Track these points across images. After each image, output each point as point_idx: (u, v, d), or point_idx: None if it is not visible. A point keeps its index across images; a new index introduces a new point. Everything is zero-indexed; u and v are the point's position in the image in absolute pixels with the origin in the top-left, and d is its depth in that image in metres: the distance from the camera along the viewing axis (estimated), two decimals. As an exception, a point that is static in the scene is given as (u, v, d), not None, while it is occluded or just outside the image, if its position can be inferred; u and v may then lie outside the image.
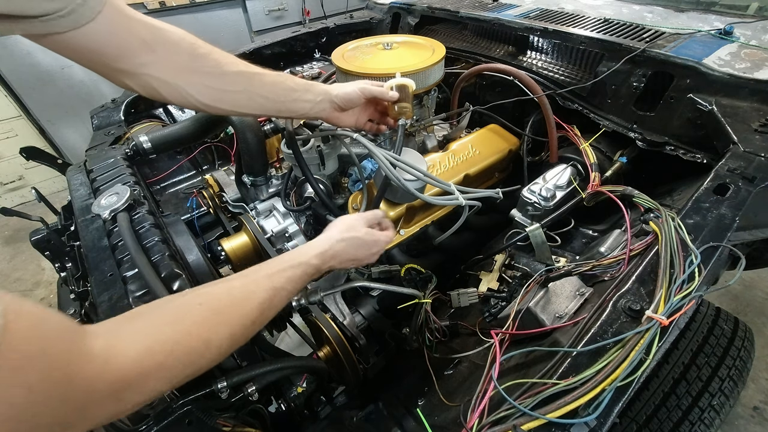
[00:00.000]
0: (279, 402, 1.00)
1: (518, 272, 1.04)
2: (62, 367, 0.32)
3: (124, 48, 0.59)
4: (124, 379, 0.37)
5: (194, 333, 0.45)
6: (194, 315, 0.47)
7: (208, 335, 0.46)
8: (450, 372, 0.94)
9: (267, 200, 1.26)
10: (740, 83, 0.94)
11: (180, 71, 0.65)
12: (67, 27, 0.52)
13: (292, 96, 0.76)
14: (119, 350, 0.38)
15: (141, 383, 0.39)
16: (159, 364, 0.40)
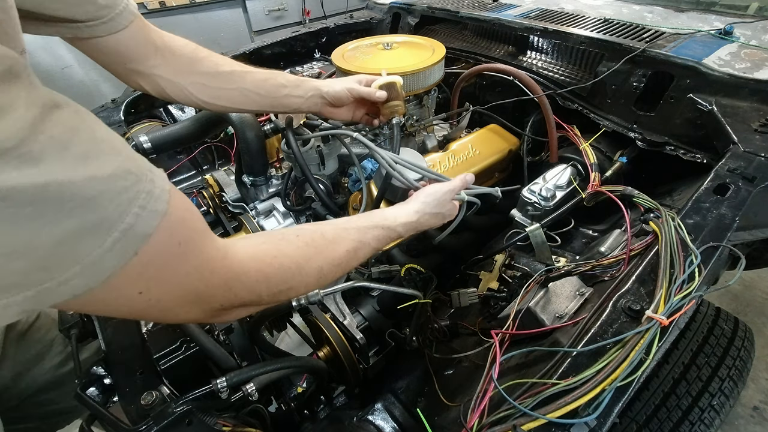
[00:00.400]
0: (279, 402, 1.00)
1: (518, 272, 1.04)
2: (199, 248, 0.40)
3: (141, 53, 0.68)
4: (235, 271, 0.45)
5: (289, 255, 0.52)
6: (291, 242, 0.53)
7: (300, 261, 0.52)
8: (450, 372, 0.94)
9: (267, 200, 1.26)
10: (740, 83, 0.94)
11: (183, 72, 0.73)
12: (106, 32, 0.61)
13: (283, 92, 0.81)
14: (234, 250, 0.45)
15: (246, 279, 0.46)
16: (260, 269, 0.47)
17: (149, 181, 0.33)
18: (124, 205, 0.30)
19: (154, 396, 0.67)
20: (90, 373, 0.74)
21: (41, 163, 0.25)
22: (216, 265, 0.42)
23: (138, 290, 0.35)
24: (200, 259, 0.40)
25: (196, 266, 0.40)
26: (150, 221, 0.32)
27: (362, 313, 1.04)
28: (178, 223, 0.36)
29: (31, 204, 0.25)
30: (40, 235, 0.26)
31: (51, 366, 1.00)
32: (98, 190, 0.28)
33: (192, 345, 0.81)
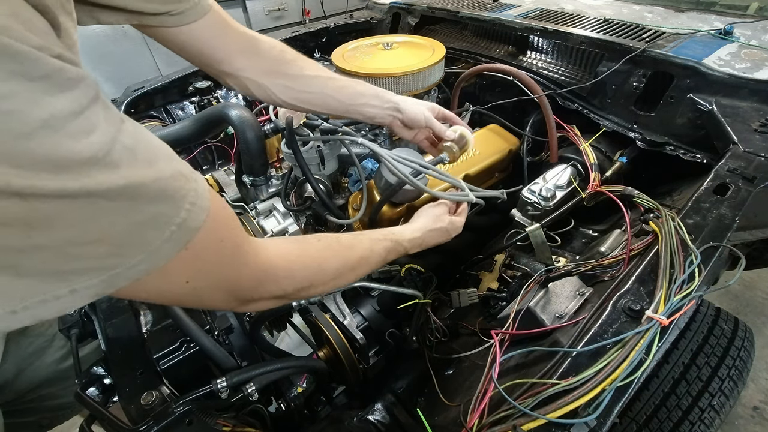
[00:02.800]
0: (279, 402, 1.00)
1: (518, 272, 1.04)
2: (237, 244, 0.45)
3: (225, 54, 0.73)
4: (265, 267, 0.50)
5: (311, 255, 0.58)
6: (313, 244, 0.60)
7: (321, 261, 0.59)
8: (450, 372, 0.94)
9: (267, 200, 1.26)
10: (740, 83, 0.94)
11: (267, 74, 0.78)
12: (174, 24, 0.64)
13: (361, 100, 0.85)
14: (264, 247, 0.51)
15: (274, 275, 0.52)
16: (286, 266, 0.53)
17: (195, 182, 0.38)
18: (179, 202, 0.36)
19: (154, 396, 0.67)
20: (90, 373, 0.74)
21: (119, 168, 0.30)
22: (249, 260, 0.48)
23: (185, 279, 0.41)
24: (237, 254, 0.46)
25: (234, 260, 0.45)
26: (198, 216, 0.37)
27: (362, 313, 1.04)
28: (218, 221, 0.41)
29: (115, 200, 0.30)
30: (118, 226, 0.31)
31: (52, 361, 1.01)
32: (162, 189, 0.34)
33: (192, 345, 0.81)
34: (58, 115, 0.26)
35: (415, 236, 0.79)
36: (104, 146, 0.29)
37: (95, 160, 0.28)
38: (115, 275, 0.33)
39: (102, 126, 0.29)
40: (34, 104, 0.25)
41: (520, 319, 0.79)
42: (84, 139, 0.28)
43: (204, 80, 1.53)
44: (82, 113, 0.28)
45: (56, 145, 0.26)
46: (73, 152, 0.27)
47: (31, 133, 0.25)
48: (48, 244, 0.28)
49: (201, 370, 0.83)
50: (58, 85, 0.26)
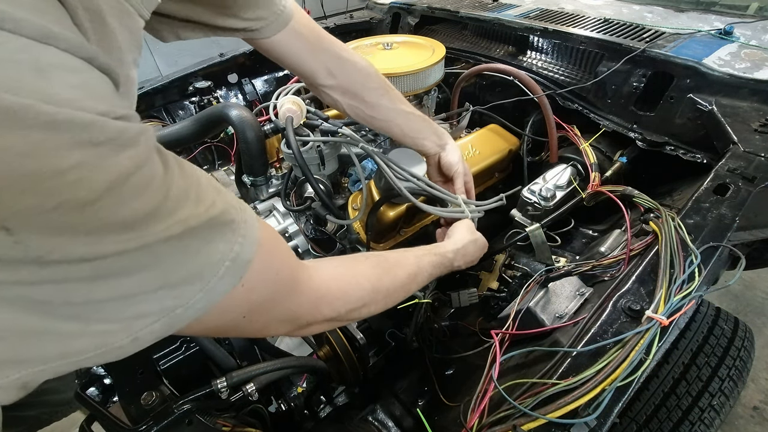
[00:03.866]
0: (279, 402, 1.00)
1: (518, 272, 1.04)
2: (291, 273, 0.46)
3: (311, 69, 0.79)
4: (321, 292, 0.51)
5: (364, 275, 0.58)
6: (363, 264, 0.60)
7: (373, 281, 0.59)
8: (450, 372, 0.94)
9: (267, 200, 1.26)
10: (740, 83, 0.94)
11: (344, 94, 0.84)
12: (257, 37, 0.69)
13: (421, 134, 0.92)
14: (317, 272, 0.51)
15: (330, 298, 0.52)
16: (341, 288, 0.54)
17: (243, 212, 0.38)
18: (231, 236, 0.36)
19: (154, 396, 0.67)
20: (90, 373, 0.74)
21: (176, 213, 0.31)
22: (305, 287, 0.48)
23: (242, 314, 0.41)
24: (293, 283, 0.46)
25: (290, 290, 0.46)
26: (250, 249, 0.38)
27: (362, 313, 1.04)
28: (271, 252, 0.42)
29: (172, 245, 0.31)
30: (176, 268, 0.32)
31: None
32: (214, 226, 0.34)
33: (192, 345, 0.81)
34: (122, 176, 0.27)
35: (458, 247, 0.80)
36: (162, 196, 0.30)
37: (154, 211, 0.29)
38: (174, 317, 0.33)
39: (159, 174, 0.30)
40: (99, 170, 0.25)
41: (520, 319, 0.79)
42: (145, 194, 0.29)
43: (204, 80, 1.53)
44: (142, 167, 0.28)
45: (120, 206, 0.27)
46: (135, 210, 0.28)
47: (97, 199, 0.25)
48: (110, 296, 0.29)
49: (201, 370, 0.83)
50: (121, 146, 0.27)
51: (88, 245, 0.26)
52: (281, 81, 1.79)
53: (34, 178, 0.23)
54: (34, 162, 0.23)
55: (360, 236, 1.07)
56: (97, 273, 0.27)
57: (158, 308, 0.32)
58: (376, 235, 1.06)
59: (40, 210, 0.23)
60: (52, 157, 0.23)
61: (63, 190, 0.24)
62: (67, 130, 0.23)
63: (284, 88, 1.18)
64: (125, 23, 0.34)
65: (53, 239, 0.25)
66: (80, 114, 0.24)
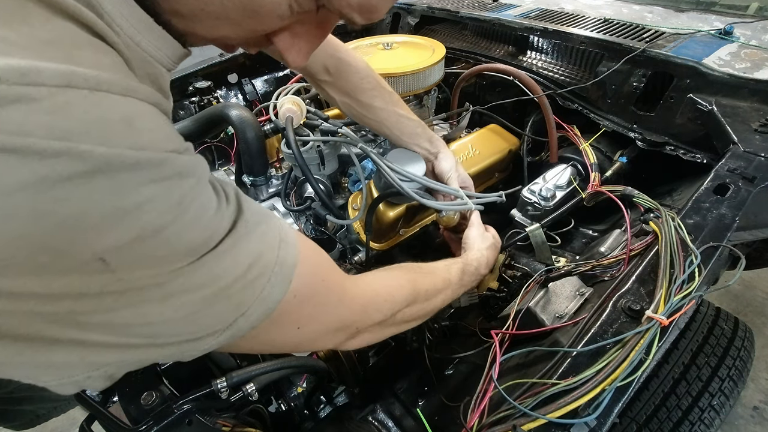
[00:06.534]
0: (279, 402, 1.00)
1: (518, 272, 1.04)
2: (338, 281, 0.48)
3: (314, 67, 0.83)
4: (370, 295, 0.53)
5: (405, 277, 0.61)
6: (399, 272, 0.62)
7: (414, 283, 0.61)
8: (450, 372, 0.94)
9: (267, 200, 1.26)
10: (740, 83, 0.94)
11: (342, 93, 0.87)
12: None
13: (413, 140, 0.94)
14: (361, 278, 0.54)
15: (378, 300, 0.54)
16: (387, 291, 0.56)
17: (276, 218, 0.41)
18: (272, 242, 0.39)
19: (154, 396, 0.67)
20: (90, 373, 0.74)
21: (226, 231, 0.35)
22: (352, 293, 0.50)
23: (297, 325, 0.43)
24: (340, 289, 0.48)
25: (339, 297, 0.47)
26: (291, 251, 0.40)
27: (362, 313, 1.04)
28: (313, 260, 0.44)
29: (224, 260, 0.34)
30: (232, 282, 0.34)
31: None
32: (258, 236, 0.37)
33: (192, 345, 0.80)
34: (185, 198, 0.30)
35: (477, 257, 0.82)
36: (219, 218, 0.34)
37: (210, 235, 0.33)
38: (237, 329, 0.36)
39: (214, 197, 0.34)
40: (168, 197, 0.29)
41: (520, 319, 0.79)
42: (204, 216, 0.32)
43: (204, 80, 1.53)
44: (201, 192, 0.32)
45: (185, 230, 0.30)
46: (197, 232, 0.31)
47: (167, 225, 0.29)
48: (177, 316, 0.32)
49: (201, 370, 0.83)
50: (185, 176, 0.30)
51: (160, 272, 0.29)
52: (281, 81, 1.78)
53: (120, 212, 0.26)
54: (120, 199, 0.26)
55: (360, 236, 1.07)
56: (165, 294, 0.30)
57: (222, 324, 0.35)
58: (376, 235, 1.06)
59: (124, 241, 0.27)
60: (133, 193, 0.27)
61: (142, 220, 0.27)
62: (146, 168, 0.27)
63: (284, 88, 1.18)
64: (155, 80, 0.38)
65: (137, 269, 0.28)
66: (157, 154, 0.28)
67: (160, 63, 0.37)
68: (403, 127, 0.93)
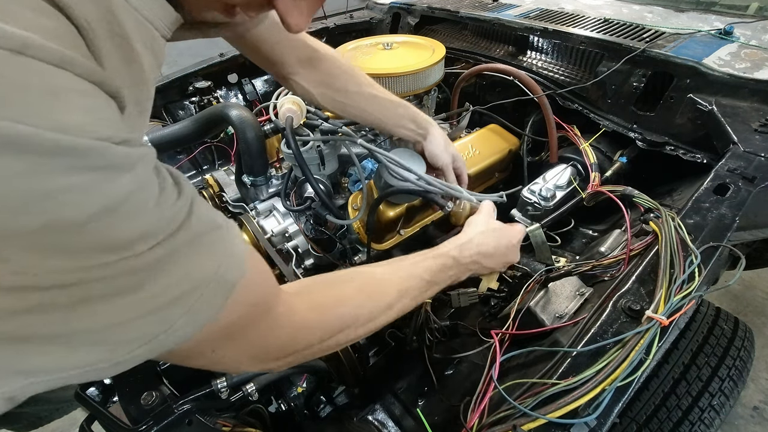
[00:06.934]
0: (279, 402, 1.00)
1: (518, 272, 1.04)
2: (270, 307, 0.43)
3: (283, 59, 0.79)
4: (300, 325, 0.47)
5: (346, 303, 0.53)
6: (349, 288, 0.55)
7: (348, 319, 0.53)
8: (450, 372, 0.94)
9: (267, 200, 1.26)
10: (740, 83, 0.94)
11: (317, 84, 0.84)
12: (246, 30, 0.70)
13: (397, 122, 0.90)
14: (297, 303, 0.48)
15: (307, 331, 0.48)
16: (321, 319, 0.50)
17: (230, 230, 0.37)
18: (217, 261, 0.35)
19: (154, 396, 0.67)
20: (90, 373, 0.74)
21: (162, 234, 0.31)
22: (284, 321, 0.45)
23: (212, 348, 0.39)
24: (270, 317, 0.43)
25: (270, 326, 0.43)
26: (237, 270, 0.36)
27: (362, 313, 1.04)
28: (255, 280, 0.40)
29: (156, 268, 0.30)
30: (161, 294, 0.31)
31: None
32: (201, 244, 0.34)
33: (192, 345, 0.80)
34: (116, 200, 0.27)
35: (463, 241, 0.71)
36: (155, 218, 0.30)
37: (144, 235, 0.29)
38: (157, 342, 0.32)
39: (153, 198, 0.30)
40: (93, 193, 0.25)
41: (520, 319, 0.79)
42: (136, 218, 0.28)
43: (204, 80, 1.53)
44: (136, 192, 0.28)
45: (109, 230, 0.27)
46: (124, 233, 0.28)
47: (86, 222, 0.25)
48: (95, 322, 0.28)
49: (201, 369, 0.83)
50: (118, 170, 0.27)
51: (74, 269, 0.26)
52: (281, 81, 1.78)
53: (26, 197, 0.23)
54: (27, 182, 0.23)
55: (360, 236, 1.07)
56: (82, 297, 0.27)
57: (141, 335, 0.31)
58: (376, 235, 1.06)
59: (27, 229, 0.23)
60: (46, 179, 0.23)
61: (51, 210, 0.24)
62: (67, 155, 0.24)
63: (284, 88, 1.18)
64: (149, 46, 0.35)
65: (40, 260, 0.24)
66: (82, 141, 0.24)
67: (152, 25, 0.34)
68: (383, 109, 0.88)
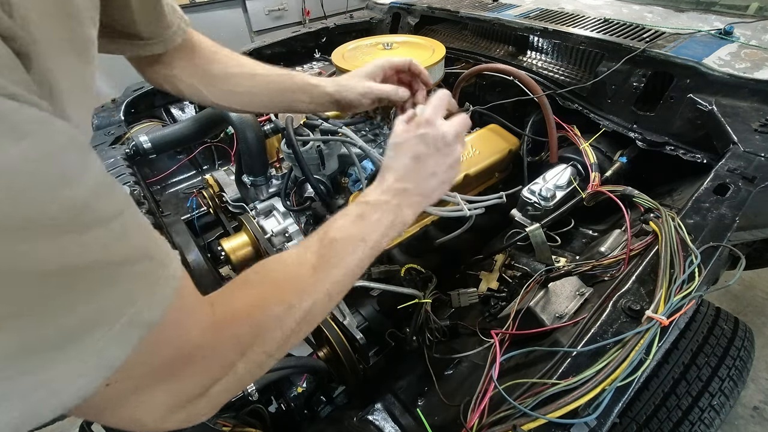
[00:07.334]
0: (279, 402, 1.00)
1: (518, 272, 1.04)
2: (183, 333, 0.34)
3: (170, 57, 0.68)
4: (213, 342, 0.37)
5: (257, 306, 0.41)
6: (248, 289, 0.43)
7: (261, 315, 0.41)
8: (450, 372, 0.94)
9: (267, 200, 1.26)
10: (740, 83, 0.94)
11: (196, 72, 0.72)
12: (161, 50, 0.64)
13: (291, 96, 0.78)
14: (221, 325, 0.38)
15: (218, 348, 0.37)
16: (234, 335, 0.39)
17: (166, 263, 0.31)
18: (138, 292, 0.28)
19: (154, 396, 0.67)
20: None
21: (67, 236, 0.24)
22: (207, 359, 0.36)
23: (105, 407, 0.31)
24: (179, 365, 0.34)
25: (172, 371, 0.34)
26: (159, 307, 0.30)
27: (362, 313, 1.04)
28: (179, 326, 0.33)
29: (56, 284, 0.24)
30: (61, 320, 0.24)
31: None
32: (120, 264, 0.27)
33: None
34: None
35: (384, 164, 0.58)
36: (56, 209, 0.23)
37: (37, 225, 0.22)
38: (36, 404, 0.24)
39: (55, 180, 0.23)
40: None
41: (520, 319, 0.79)
42: (30, 203, 0.22)
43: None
44: (32, 168, 0.22)
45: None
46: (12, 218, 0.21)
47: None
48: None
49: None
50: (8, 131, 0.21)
51: None
52: (281, 81, 1.79)
53: None
54: None
55: (360, 236, 1.07)
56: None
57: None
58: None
59: None
60: None
61: None
62: None
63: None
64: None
65: None
66: None
67: None
68: (271, 86, 0.76)
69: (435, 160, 0.57)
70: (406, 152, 0.57)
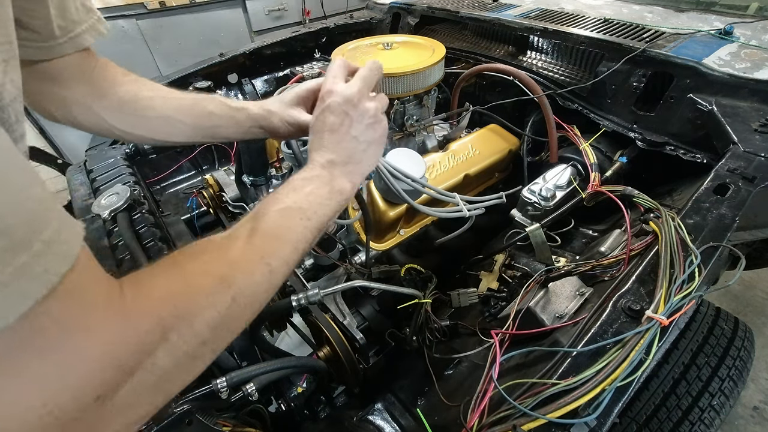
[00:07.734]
0: (279, 402, 1.00)
1: (518, 272, 1.04)
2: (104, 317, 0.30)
3: (69, 79, 0.58)
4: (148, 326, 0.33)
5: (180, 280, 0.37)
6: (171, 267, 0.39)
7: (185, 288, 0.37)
8: (450, 372, 0.94)
9: (267, 200, 1.26)
10: (740, 83, 0.94)
11: (100, 97, 0.62)
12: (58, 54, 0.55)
13: (211, 121, 0.68)
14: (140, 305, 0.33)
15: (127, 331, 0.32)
16: (150, 312, 0.33)
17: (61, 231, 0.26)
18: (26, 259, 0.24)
19: (154, 396, 0.67)
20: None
21: None
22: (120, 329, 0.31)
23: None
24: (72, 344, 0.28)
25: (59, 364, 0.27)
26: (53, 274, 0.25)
27: (362, 313, 1.04)
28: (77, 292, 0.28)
29: None
30: None
31: None
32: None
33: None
34: None
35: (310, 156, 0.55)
36: None
37: None
38: None
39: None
40: None
41: (520, 319, 0.79)
42: None
43: (204, 80, 1.53)
44: None
45: None
46: None
47: None
48: None
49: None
50: None
51: None
52: (281, 81, 1.79)
53: None
54: None
55: (360, 236, 1.07)
56: None
57: None
58: (376, 234, 1.06)
59: None
60: None
61: None
62: None
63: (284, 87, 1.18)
64: None
65: None
66: None
67: None
68: (190, 110, 0.67)
69: (349, 124, 0.55)
70: (320, 129, 0.56)
